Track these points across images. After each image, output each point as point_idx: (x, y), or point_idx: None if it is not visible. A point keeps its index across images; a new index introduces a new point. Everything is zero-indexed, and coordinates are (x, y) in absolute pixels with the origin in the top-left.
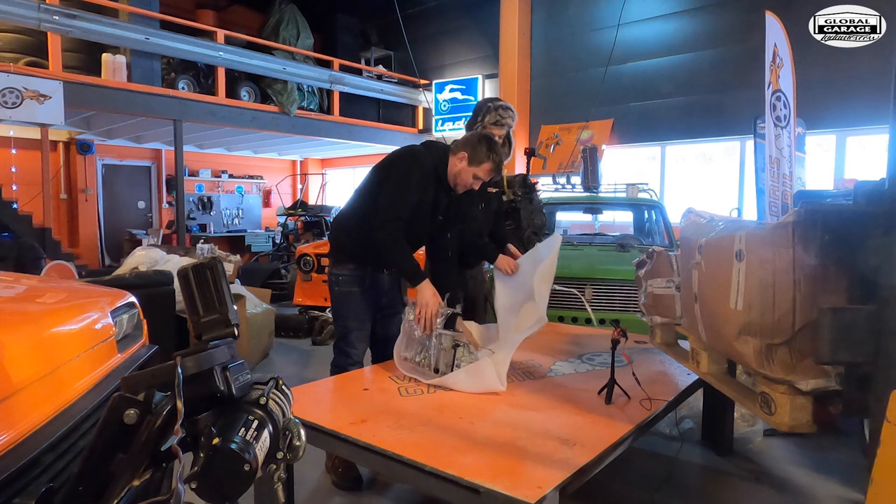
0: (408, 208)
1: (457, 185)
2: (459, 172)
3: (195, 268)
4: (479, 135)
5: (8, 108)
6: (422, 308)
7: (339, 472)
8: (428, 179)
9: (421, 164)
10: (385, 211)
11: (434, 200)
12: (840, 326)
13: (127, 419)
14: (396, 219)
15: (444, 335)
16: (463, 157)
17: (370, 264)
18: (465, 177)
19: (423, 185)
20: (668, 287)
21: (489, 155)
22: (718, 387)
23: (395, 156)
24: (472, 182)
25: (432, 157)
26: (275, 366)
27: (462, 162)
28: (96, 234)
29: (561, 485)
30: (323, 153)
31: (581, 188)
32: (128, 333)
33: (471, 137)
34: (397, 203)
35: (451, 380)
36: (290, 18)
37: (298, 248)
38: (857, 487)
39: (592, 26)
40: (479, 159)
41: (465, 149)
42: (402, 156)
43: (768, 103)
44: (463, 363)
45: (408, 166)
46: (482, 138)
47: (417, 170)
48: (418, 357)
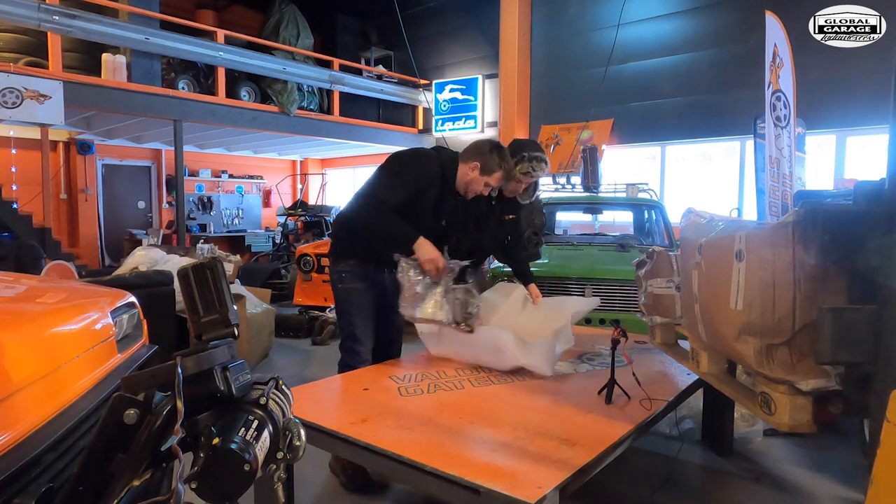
0: (399, 197)
1: (467, 191)
2: (471, 181)
3: (195, 268)
4: (490, 143)
5: (8, 108)
6: (427, 263)
7: (348, 473)
8: (432, 178)
9: (425, 162)
10: (374, 196)
11: (438, 201)
12: (840, 326)
13: (127, 419)
14: (384, 203)
15: (457, 289)
16: (475, 166)
17: (372, 262)
18: (476, 185)
19: (425, 181)
20: (668, 287)
21: (500, 164)
22: (718, 387)
23: (400, 152)
24: (483, 189)
25: (440, 159)
26: (275, 366)
27: (474, 171)
28: (96, 234)
29: (561, 485)
30: (323, 153)
31: (581, 188)
32: (128, 333)
33: (481, 146)
34: (389, 190)
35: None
36: (290, 18)
37: (298, 248)
38: (857, 487)
39: (592, 26)
40: (490, 168)
41: (477, 158)
42: (408, 152)
43: (768, 103)
44: (474, 308)
45: (410, 161)
46: (493, 147)
47: (419, 166)
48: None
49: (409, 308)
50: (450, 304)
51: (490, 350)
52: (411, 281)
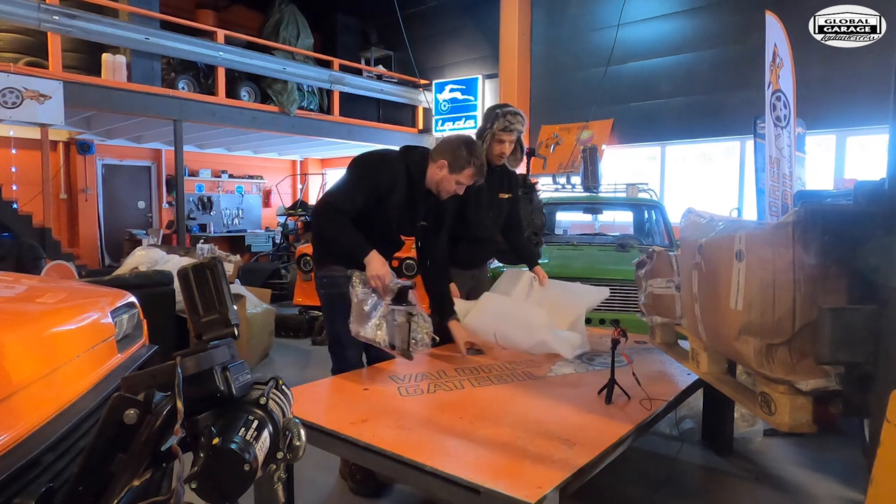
0: (356, 205)
1: (440, 192)
2: (441, 181)
3: (195, 268)
4: (458, 139)
5: (8, 108)
6: (373, 279)
7: (356, 478)
8: (394, 182)
9: (386, 167)
10: (332, 204)
11: (408, 205)
12: (840, 326)
13: (127, 419)
14: (339, 211)
15: (396, 311)
16: (443, 164)
17: (354, 265)
18: (447, 185)
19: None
20: (668, 287)
21: (470, 160)
22: (718, 387)
23: (363, 155)
24: (456, 188)
25: (405, 163)
26: (275, 366)
27: (443, 170)
28: (96, 234)
29: (561, 485)
30: (323, 153)
31: (581, 188)
32: (128, 333)
33: (450, 142)
34: (342, 197)
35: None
36: (290, 18)
37: (298, 248)
38: (857, 487)
39: (592, 26)
40: (459, 166)
41: (444, 156)
42: (369, 156)
43: (768, 103)
44: (419, 334)
45: (369, 167)
46: (462, 143)
47: (379, 172)
48: (376, 334)
49: (355, 325)
50: (388, 325)
51: (522, 325)
52: (359, 297)
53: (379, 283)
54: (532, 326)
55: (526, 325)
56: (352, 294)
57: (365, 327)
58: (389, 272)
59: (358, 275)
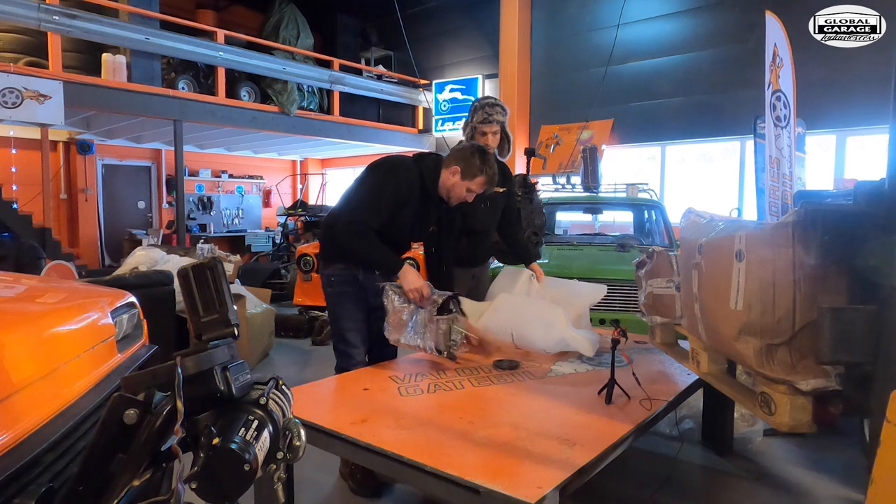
0: (380, 218)
1: (450, 198)
2: (453, 186)
3: (195, 268)
4: (472, 147)
5: (8, 108)
6: (411, 293)
7: (357, 478)
8: (411, 190)
9: (402, 177)
10: (352, 215)
11: (422, 212)
12: (840, 326)
13: (127, 419)
14: (362, 223)
15: (440, 320)
16: (456, 171)
17: (360, 264)
18: (458, 191)
19: (404, 196)
20: (668, 287)
21: (482, 168)
22: (718, 387)
23: (380, 163)
24: (466, 195)
25: (419, 170)
26: (275, 366)
27: (455, 176)
28: (96, 234)
29: (561, 485)
30: (323, 153)
31: (581, 188)
32: (128, 333)
33: (464, 150)
34: (367, 211)
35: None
36: (290, 18)
37: (298, 248)
38: (857, 487)
39: (592, 26)
40: (472, 173)
41: (457, 163)
42: (386, 165)
43: (768, 103)
44: (457, 335)
45: (387, 177)
46: (475, 151)
47: (397, 182)
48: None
49: (394, 333)
50: (432, 333)
51: (539, 323)
52: (395, 307)
53: (416, 296)
54: (550, 324)
55: (544, 323)
56: (387, 304)
57: (405, 335)
58: (426, 283)
59: (391, 286)
